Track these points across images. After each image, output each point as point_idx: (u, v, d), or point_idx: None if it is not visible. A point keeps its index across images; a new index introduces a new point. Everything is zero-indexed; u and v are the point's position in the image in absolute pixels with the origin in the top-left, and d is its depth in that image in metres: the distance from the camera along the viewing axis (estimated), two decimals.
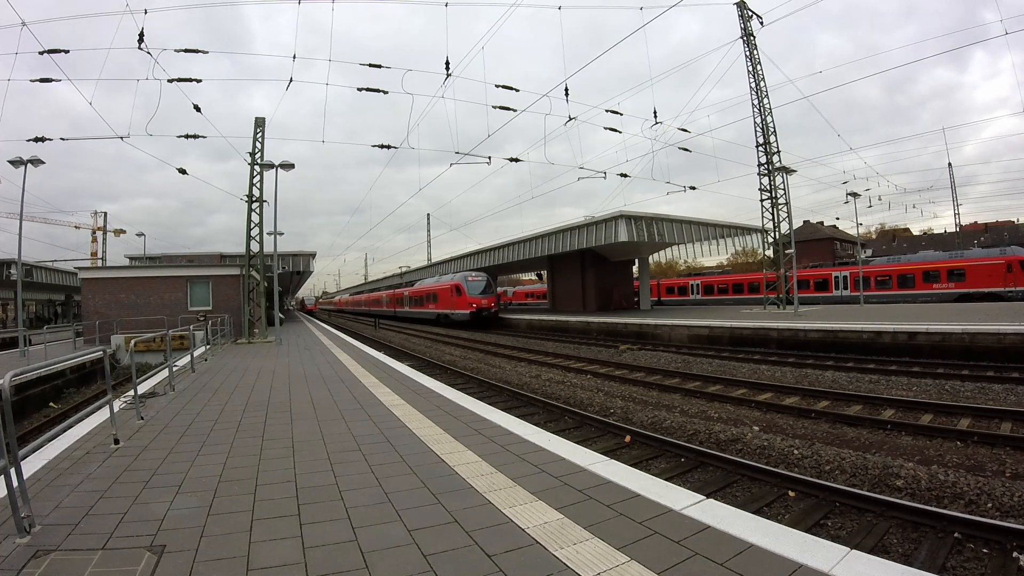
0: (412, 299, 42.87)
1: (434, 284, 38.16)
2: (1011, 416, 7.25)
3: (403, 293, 47.09)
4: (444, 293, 34.77)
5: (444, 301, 34.52)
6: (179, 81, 14.06)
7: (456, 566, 2.55)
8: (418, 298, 40.93)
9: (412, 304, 42.84)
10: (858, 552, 2.60)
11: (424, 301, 39.18)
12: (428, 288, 38.91)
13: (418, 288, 42.03)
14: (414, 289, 43.39)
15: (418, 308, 40.73)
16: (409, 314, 43.83)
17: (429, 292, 38.30)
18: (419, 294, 41.12)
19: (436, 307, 36.31)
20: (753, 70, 24.96)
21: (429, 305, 37.93)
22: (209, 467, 4.22)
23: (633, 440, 7.17)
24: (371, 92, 14.81)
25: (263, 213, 20.14)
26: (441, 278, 38.11)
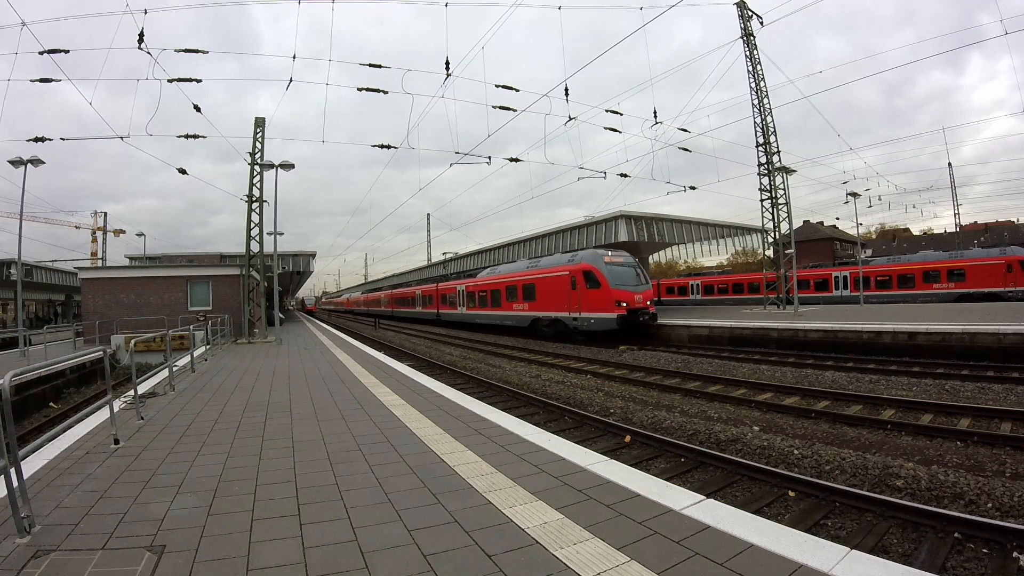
0: (476, 297, 28.59)
1: (530, 272, 23.62)
2: (1011, 416, 7.24)
3: (455, 288, 32.20)
4: (557, 285, 20.94)
5: (556, 297, 21.02)
6: (179, 81, 14.05)
7: (456, 566, 2.56)
8: (490, 295, 26.79)
9: (476, 303, 28.67)
10: (858, 552, 2.60)
11: (506, 299, 25.02)
12: (515, 278, 24.50)
13: (490, 280, 27.50)
14: (481, 281, 28.56)
15: (491, 309, 26.66)
16: (469, 318, 29.69)
17: (518, 284, 24.02)
18: (493, 288, 26.65)
19: (535, 307, 22.63)
20: (753, 70, 24.96)
21: (517, 305, 24.03)
22: (209, 467, 4.22)
23: (633, 440, 7.16)
24: (372, 92, 14.80)
25: (263, 213, 20.18)
26: (540, 261, 24.06)
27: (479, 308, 28.20)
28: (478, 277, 29.42)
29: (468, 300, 29.84)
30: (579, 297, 19.49)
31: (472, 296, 29.32)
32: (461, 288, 31.14)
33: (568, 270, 20.36)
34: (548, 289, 21.63)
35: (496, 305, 26.21)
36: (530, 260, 25.45)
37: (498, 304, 26.02)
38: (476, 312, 28.68)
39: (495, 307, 26.32)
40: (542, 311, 22.23)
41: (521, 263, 26.12)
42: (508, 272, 26.00)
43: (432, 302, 36.76)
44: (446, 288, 34.37)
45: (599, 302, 18.73)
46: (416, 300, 41.17)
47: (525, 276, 23.75)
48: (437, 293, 35.83)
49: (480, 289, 28.25)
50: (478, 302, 28.36)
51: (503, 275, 26.17)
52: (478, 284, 28.69)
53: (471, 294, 29.48)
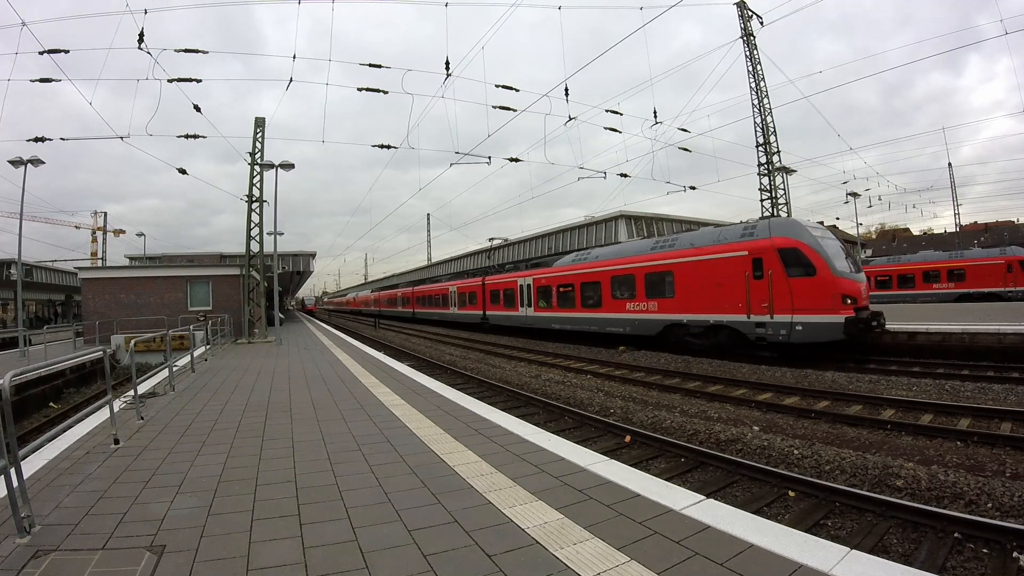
0: (554, 294, 21.05)
1: (659, 255, 16.07)
2: (1011, 416, 7.24)
3: (512, 283, 24.53)
4: (722, 271, 13.77)
5: (720, 290, 13.81)
6: (179, 81, 14.05)
7: (456, 566, 2.56)
8: (579, 290, 19.51)
9: (553, 302, 21.12)
10: (858, 552, 2.60)
11: (610, 295, 17.77)
12: (629, 265, 17.09)
13: (579, 270, 19.72)
14: (563, 272, 20.77)
15: (583, 310, 19.23)
16: (542, 322, 21.99)
17: (636, 273, 16.71)
18: (586, 280, 19.14)
19: (673, 307, 15.35)
20: (753, 70, 24.96)
21: (634, 304, 16.73)
22: (209, 467, 4.22)
23: (633, 440, 7.16)
24: (372, 92, 14.79)
25: (263, 213, 20.19)
26: (678, 239, 16.16)
27: (560, 309, 20.51)
28: (554, 267, 21.68)
29: (540, 298, 21.95)
30: (772, 289, 12.29)
31: (546, 292, 21.52)
32: (525, 282, 23.33)
33: (747, 247, 13.00)
34: (702, 278, 14.10)
35: (591, 304, 18.66)
36: (657, 239, 17.35)
37: (594, 303, 18.45)
38: (555, 314, 20.85)
39: (590, 307, 18.72)
40: (688, 312, 14.64)
41: (635, 244, 18.55)
42: (613, 257, 18.01)
43: (476, 301, 28.66)
44: (499, 283, 26.06)
45: (813, 297, 11.84)
46: (450, 299, 33.20)
47: (650, 262, 16.03)
48: (484, 290, 27.65)
49: (562, 282, 20.42)
50: (557, 300, 20.75)
51: (605, 262, 18.20)
52: (557, 276, 20.89)
53: (544, 289, 21.65)
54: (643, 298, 16.36)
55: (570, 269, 20.52)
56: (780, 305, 12.27)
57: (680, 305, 15.03)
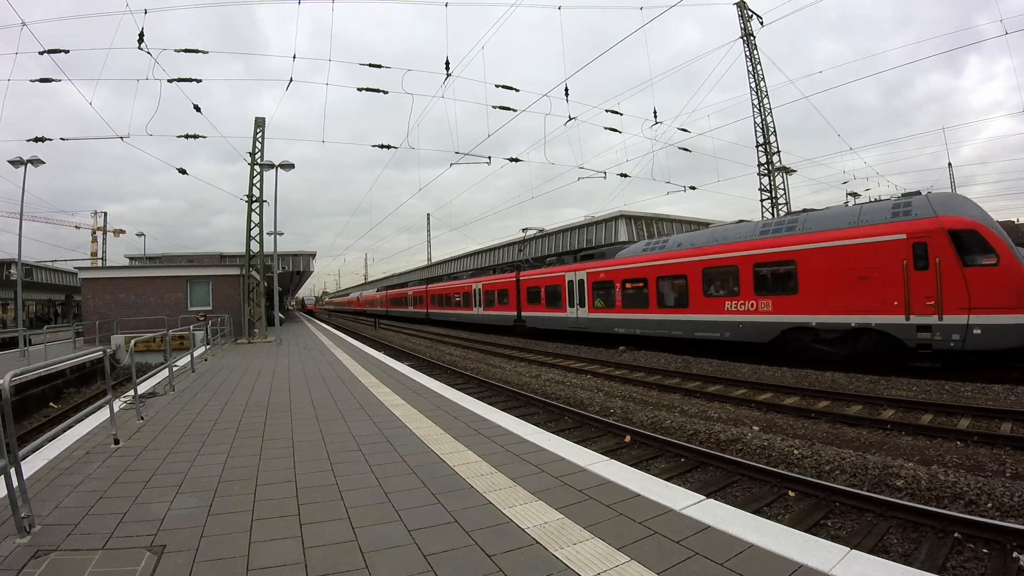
0: (618, 291, 17.70)
1: (774, 240, 12.80)
2: (1011, 416, 7.24)
3: (560, 278, 20.90)
4: (867, 261, 10.84)
5: (863, 285, 10.89)
6: (179, 81, 14.05)
7: (456, 566, 2.55)
8: (653, 286, 16.27)
9: (615, 301, 17.87)
10: (858, 552, 2.60)
11: (702, 292, 14.59)
12: (732, 255, 13.76)
13: (655, 260, 16.40)
14: (629, 264, 17.49)
15: (660, 311, 16.08)
16: (595, 324, 18.84)
17: (740, 264, 13.47)
18: (666, 273, 15.98)
19: (794, 306, 12.20)
20: (753, 70, 24.96)
21: (738, 303, 13.48)
22: (209, 467, 4.22)
23: (633, 440, 7.17)
24: (372, 92, 14.79)
25: (263, 213, 20.20)
26: (807, 217, 12.68)
27: (627, 309, 17.10)
28: (617, 257, 18.14)
29: (597, 296, 18.52)
30: (941, 282, 9.86)
31: (605, 289, 18.07)
32: (575, 277, 19.65)
33: (905, 229, 10.36)
34: (839, 269, 11.22)
35: (673, 303, 15.42)
36: (767, 221, 14.69)
37: (677, 301, 15.26)
38: (618, 316, 17.46)
39: (671, 307, 15.48)
40: (817, 312, 11.64)
41: (736, 228, 14.65)
42: (706, 244, 14.75)
43: (508, 300, 25.32)
44: (540, 278, 22.42)
45: (997, 292, 9.54)
46: (473, 298, 29.48)
47: (762, 249, 12.76)
48: (519, 287, 24.21)
49: (630, 276, 17.00)
50: (622, 299, 17.30)
51: (693, 250, 14.83)
52: (622, 269, 17.40)
53: (603, 285, 18.16)
54: (750, 295, 12.96)
55: (641, 260, 16.75)
56: (952, 303, 9.74)
57: (806, 304, 11.81)
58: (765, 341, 12.79)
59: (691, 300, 14.76)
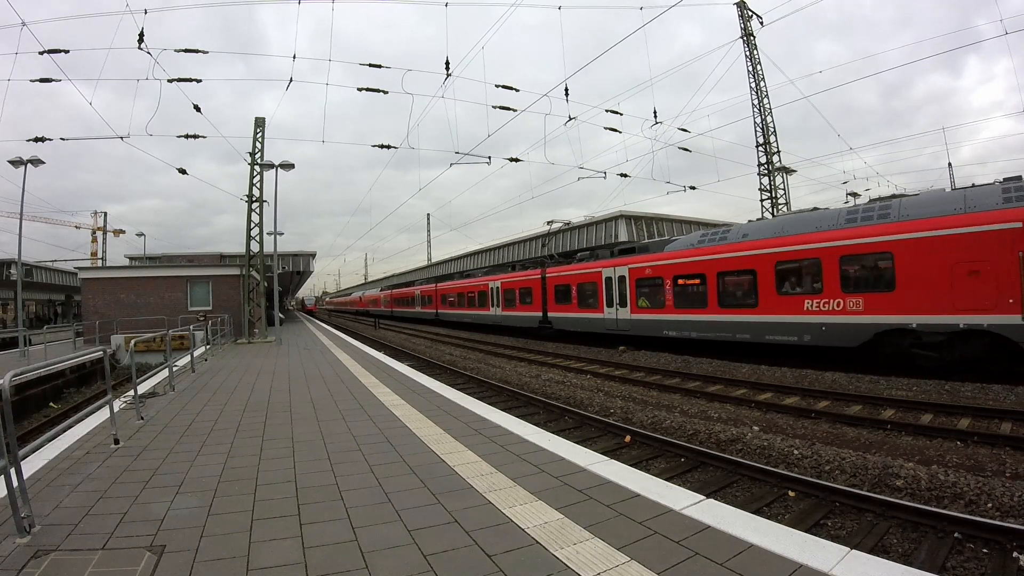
0: (681, 289, 15.38)
1: (903, 226, 10.51)
2: (1011, 416, 7.24)
3: (596, 275, 18.66)
4: (987, 252, 9.35)
5: (988, 283, 9.33)
6: (179, 81, 14.05)
7: (456, 566, 2.55)
8: (733, 280, 14.03)
9: (687, 301, 15.17)
10: (858, 552, 2.60)
11: (794, 284, 12.38)
12: (842, 241, 11.37)
13: (738, 250, 13.60)
14: (693, 256, 15.04)
15: (746, 311, 13.35)
16: (654, 326, 16.27)
17: (844, 252, 11.30)
18: (749, 266, 13.26)
19: (905, 305, 10.34)
20: (753, 70, 24.97)
21: (833, 301, 11.43)
22: (209, 467, 4.22)
23: (633, 440, 7.17)
24: (373, 92, 14.80)
25: (263, 213, 20.20)
26: (929, 195, 11.14)
27: (680, 309, 15.04)
28: (666, 251, 16.07)
29: (641, 295, 16.43)
30: None
31: (652, 287, 16.04)
32: (615, 273, 17.50)
33: (1022, 217, 9.20)
34: (944, 262, 9.88)
35: (737, 303, 13.55)
36: (851, 207, 12.60)
37: (743, 300, 13.37)
38: (668, 316, 15.40)
39: (735, 306, 13.53)
40: (918, 312, 10.24)
41: (814, 215, 12.77)
42: (777, 233, 12.84)
43: (531, 300, 22.57)
44: (570, 275, 20.04)
45: None
46: (491, 297, 26.76)
47: (851, 239, 11.20)
48: (545, 284, 21.54)
49: (683, 271, 15.06)
50: (673, 298, 15.29)
51: (764, 241, 12.89)
52: (673, 264, 15.38)
53: (649, 283, 16.19)
54: (836, 292, 11.32)
55: (698, 254, 14.68)
56: None
57: (904, 302, 10.35)
58: (854, 345, 11.17)
59: (761, 299, 12.74)
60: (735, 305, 13.67)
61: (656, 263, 16.08)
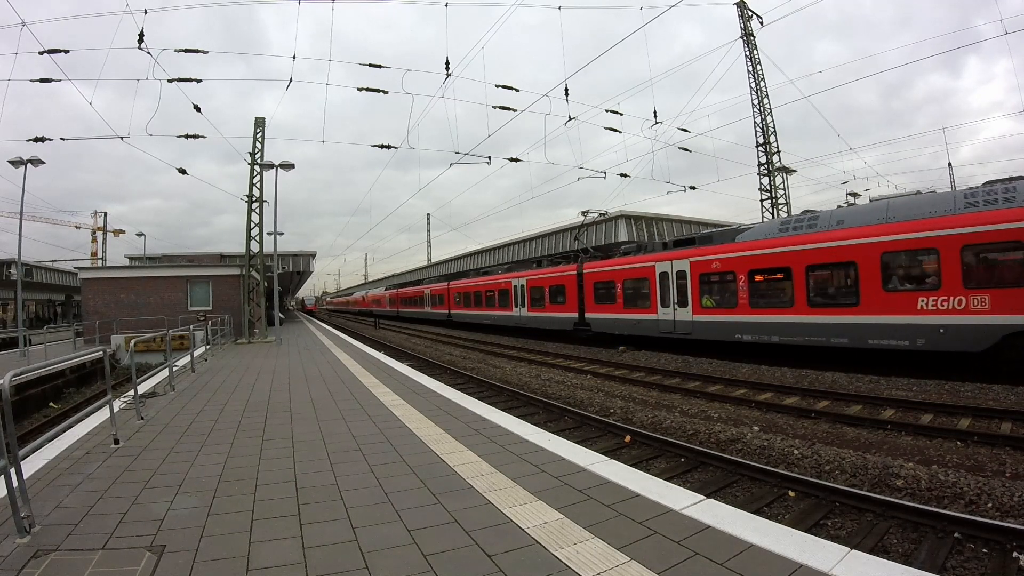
0: (758, 285, 13.12)
1: None
2: (1011, 416, 7.24)
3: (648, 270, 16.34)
4: None
5: None
6: (179, 81, 14.05)
7: (456, 566, 2.55)
8: (825, 274, 11.98)
9: (766, 300, 12.97)
10: (858, 552, 2.60)
11: (904, 279, 10.50)
12: (966, 228, 9.57)
13: (834, 240, 11.44)
14: (773, 247, 12.70)
15: (843, 311, 11.27)
16: (723, 329, 13.95)
17: (968, 240, 9.53)
18: (848, 258, 11.19)
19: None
20: (753, 70, 24.96)
21: (953, 299, 9.65)
22: (209, 467, 4.22)
23: (633, 440, 7.17)
24: (373, 92, 14.80)
25: (263, 213, 20.19)
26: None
27: (758, 309, 12.95)
28: (737, 242, 13.80)
29: (706, 292, 14.32)
30: None
31: (720, 283, 14.05)
32: (673, 267, 15.28)
33: None
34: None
35: (832, 301, 11.64)
36: (970, 190, 10.45)
37: (840, 299, 11.49)
38: (742, 318, 13.26)
39: (829, 306, 11.60)
40: None
41: (923, 198, 11.12)
42: (882, 220, 10.98)
43: (564, 299, 20.33)
44: (615, 271, 17.81)
45: None
46: (514, 297, 24.22)
47: (977, 226, 9.64)
48: (581, 282, 19.35)
49: (761, 265, 12.95)
50: (748, 296, 13.12)
51: (865, 229, 11.02)
52: (748, 256, 13.21)
53: (716, 278, 14.14)
54: (957, 287, 9.67)
55: (781, 244, 12.50)
56: None
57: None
58: (977, 350, 9.60)
59: (863, 296, 10.81)
60: (830, 304, 11.58)
61: (727, 255, 13.70)
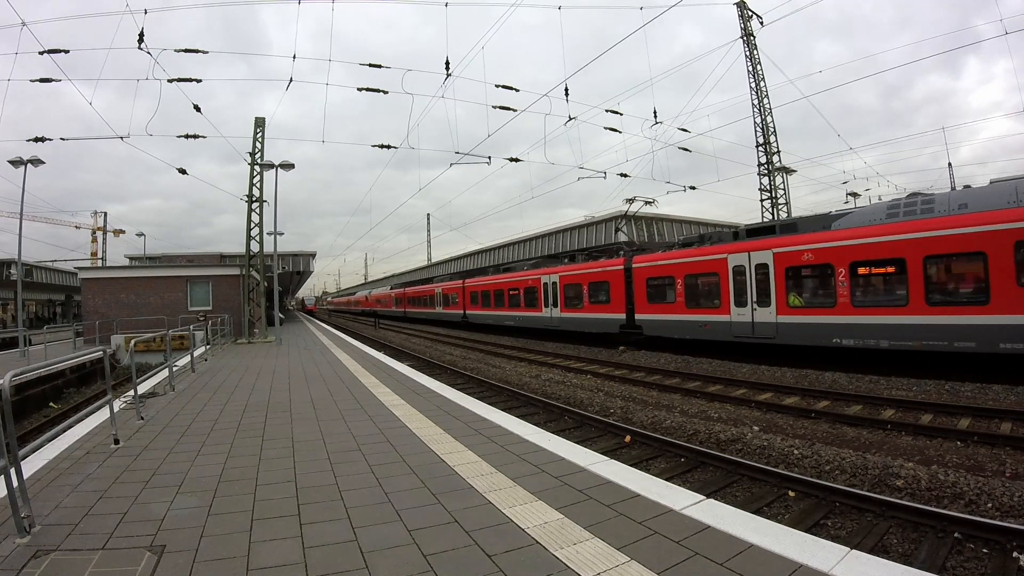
0: (873, 279, 11.13)
1: None
2: (1011, 416, 7.24)
3: (718, 263, 13.87)
4: None
5: None
6: (179, 81, 14.04)
7: (456, 566, 2.55)
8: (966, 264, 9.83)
9: (901, 295, 10.44)
10: (858, 552, 2.60)
11: None
12: None
13: (996, 221, 9.18)
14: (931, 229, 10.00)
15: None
16: (818, 332, 11.64)
17: None
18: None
19: None
20: (753, 70, 24.97)
21: None
22: (209, 467, 4.22)
23: (633, 440, 7.16)
24: (373, 92, 14.80)
25: (263, 213, 20.19)
26: None
27: (861, 308, 11.07)
28: (835, 229, 11.84)
29: (795, 288, 12.31)
30: None
31: (814, 279, 12.20)
32: (750, 260, 13.15)
33: None
34: None
35: (958, 299, 10.06)
36: None
37: (967, 297, 9.94)
38: (840, 319, 11.32)
39: (954, 304, 10.00)
40: None
41: None
42: (1015, 206, 9.41)
43: (607, 297, 18.04)
44: (677, 264, 15.42)
45: None
46: (544, 296, 21.61)
47: None
48: (629, 277, 17.10)
49: (866, 256, 11.12)
50: (850, 294, 11.26)
51: (1001, 214, 9.42)
52: (846, 246, 11.34)
53: (811, 273, 12.21)
54: None
55: (889, 231, 10.74)
56: None
57: None
58: None
59: (994, 293, 9.31)
60: (953, 302, 9.97)
61: (822, 245, 11.68)
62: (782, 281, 12.45)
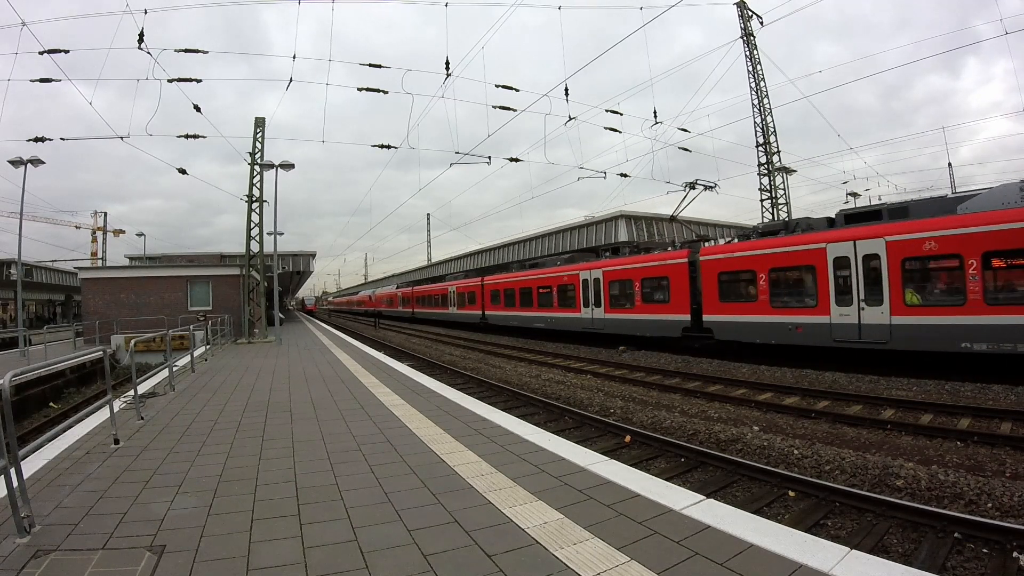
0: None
1: None
2: (1011, 416, 7.24)
3: (818, 254, 11.53)
4: None
5: None
6: (179, 81, 14.04)
7: (456, 566, 2.55)
8: None
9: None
10: (858, 552, 2.60)
11: None
12: None
13: None
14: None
15: None
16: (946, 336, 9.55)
17: None
18: None
19: None
20: (753, 70, 24.98)
21: None
22: (209, 467, 4.22)
23: (633, 440, 7.16)
24: (373, 92, 14.80)
25: (263, 213, 20.19)
26: None
27: (996, 307, 9.19)
28: (961, 213, 9.81)
29: (915, 283, 10.37)
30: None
31: (938, 272, 10.35)
32: (854, 250, 11.12)
33: None
34: None
35: None
36: None
37: None
38: (971, 320, 9.45)
39: None
40: None
41: None
42: None
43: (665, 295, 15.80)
44: (756, 256, 13.16)
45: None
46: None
47: None
48: (697, 272, 14.74)
49: (1009, 244, 9.09)
50: (983, 291, 9.33)
51: None
52: (979, 233, 9.32)
53: (934, 266, 10.28)
54: None
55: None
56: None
57: None
58: None
59: None
60: None
61: (948, 232, 9.74)
62: (897, 274, 10.41)
